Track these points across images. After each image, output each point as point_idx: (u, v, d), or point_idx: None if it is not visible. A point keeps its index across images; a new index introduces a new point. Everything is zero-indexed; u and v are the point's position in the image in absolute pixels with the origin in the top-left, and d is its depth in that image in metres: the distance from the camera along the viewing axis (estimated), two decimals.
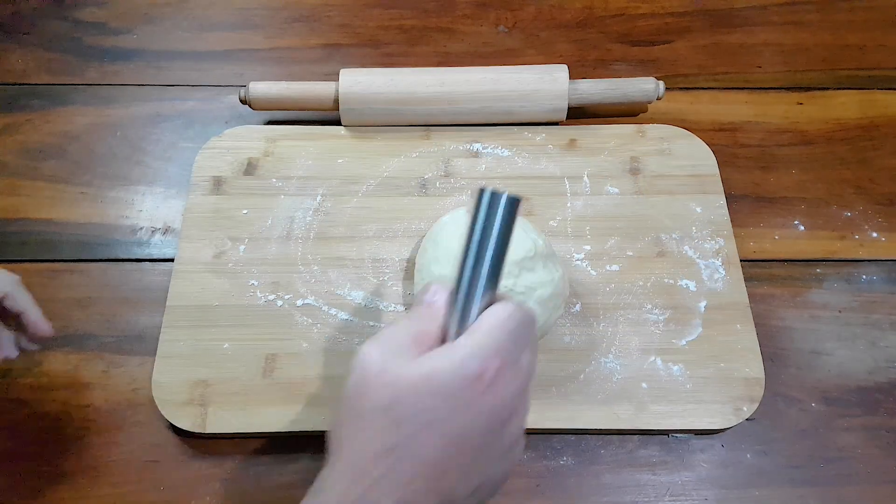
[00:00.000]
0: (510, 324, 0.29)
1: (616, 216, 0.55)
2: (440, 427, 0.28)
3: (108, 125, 0.62)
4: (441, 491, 0.28)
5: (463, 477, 0.29)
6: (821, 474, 0.46)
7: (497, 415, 0.29)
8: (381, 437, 0.27)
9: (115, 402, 0.48)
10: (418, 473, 0.27)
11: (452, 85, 0.59)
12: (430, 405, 0.28)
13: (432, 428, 0.27)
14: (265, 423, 0.46)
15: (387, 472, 0.27)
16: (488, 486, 0.30)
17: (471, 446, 0.28)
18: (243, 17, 0.70)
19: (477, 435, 0.28)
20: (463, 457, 0.28)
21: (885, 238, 0.56)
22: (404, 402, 0.28)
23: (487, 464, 0.30)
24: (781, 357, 0.51)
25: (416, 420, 0.27)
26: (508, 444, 0.30)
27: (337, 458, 0.28)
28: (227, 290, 0.51)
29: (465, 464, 0.28)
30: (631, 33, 0.69)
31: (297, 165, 0.58)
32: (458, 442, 0.28)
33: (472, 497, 0.30)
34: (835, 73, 0.66)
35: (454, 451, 0.28)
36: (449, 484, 0.28)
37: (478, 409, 0.28)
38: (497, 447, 0.30)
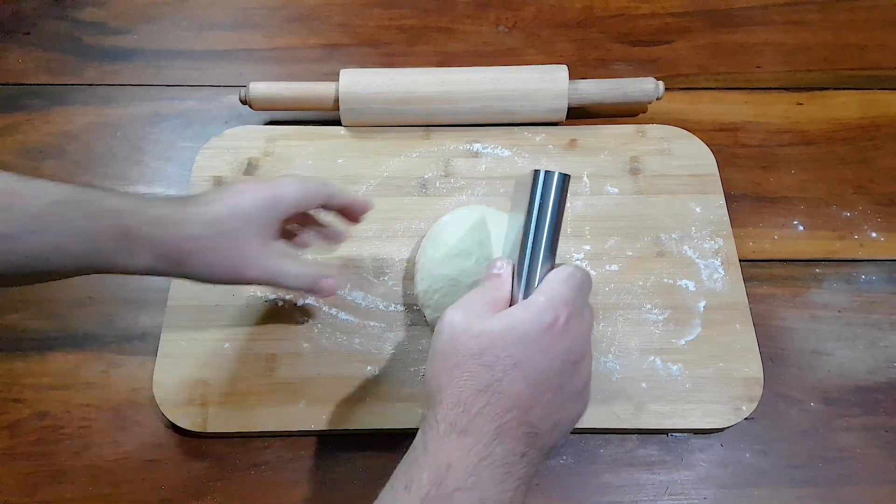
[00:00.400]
0: (573, 281, 0.35)
1: (616, 216, 0.55)
2: (524, 368, 0.32)
3: (107, 125, 0.62)
4: (530, 423, 0.32)
5: (546, 411, 0.33)
6: (820, 474, 0.46)
7: (570, 357, 0.34)
8: (477, 379, 0.32)
9: (115, 402, 0.48)
10: (511, 407, 0.32)
11: (452, 85, 0.59)
12: (514, 351, 0.32)
13: (518, 369, 0.32)
14: (265, 423, 0.47)
15: (485, 406, 0.32)
16: (566, 423, 0.35)
17: (550, 385, 0.33)
18: (243, 16, 0.70)
19: (555, 374, 0.33)
20: (545, 393, 0.33)
21: (884, 238, 0.56)
22: (493, 349, 0.33)
23: (565, 401, 0.34)
24: (781, 357, 0.51)
25: (504, 363, 0.32)
26: (581, 384, 0.35)
27: (439, 401, 0.32)
28: (227, 290, 0.51)
29: (547, 400, 0.33)
30: (631, 33, 0.69)
31: (297, 165, 0.58)
32: (540, 380, 0.33)
33: (554, 431, 0.34)
34: (835, 72, 0.66)
35: (537, 388, 0.33)
36: (536, 416, 0.32)
37: (554, 352, 0.33)
38: (572, 386, 0.34)
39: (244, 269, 0.41)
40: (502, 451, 0.31)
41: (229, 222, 0.40)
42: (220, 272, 0.40)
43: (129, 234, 0.37)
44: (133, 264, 0.38)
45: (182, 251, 0.39)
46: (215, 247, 0.39)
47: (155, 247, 0.38)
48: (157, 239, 0.38)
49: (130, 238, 0.37)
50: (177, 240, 0.38)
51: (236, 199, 0.40)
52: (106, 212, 0.37)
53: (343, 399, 0.47)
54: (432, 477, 0.30)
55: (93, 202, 0.37)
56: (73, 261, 0.37)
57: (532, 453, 0.33)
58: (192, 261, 0.39)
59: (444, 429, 0.31)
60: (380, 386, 0.48)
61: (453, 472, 0.30)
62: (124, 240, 0.37)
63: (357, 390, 0.48)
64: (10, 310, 0.52)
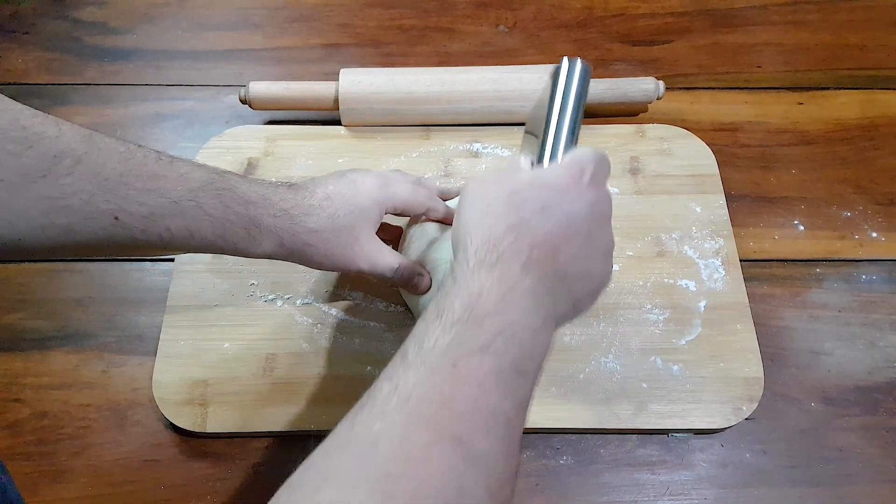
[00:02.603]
0: (594, 152, 0.36)
1: (616, 216, 0.54)
2: (552, 211, 0.33)
3: (107, 125, 0.62)
4: (557, 262, 0.33)
5: (574, 256, 0.34)
6: (820, 474, 0.46)
7: (596, 207, 0.35)
8: (506, 218, 0.33)
9: (115, 401, 0.48)
10: (538, 243, 0.32)
11: (452, 85, 0.59)
12: (542, 195, 0.34)
13: (545, 212, 0.33)
14: (265, 423, 0.47)
15: (513, 242, 0.32)
16: (595, 277, 0.35)
17: (578, 229, 0.34)
18: (243, 16, 0.70)
19: (583, 220, 0.34)
20: (573, 238, 0.34)
21: (884, 238, 0.56)
22: (522, 192, 0.34)
23: (593, 251, 0.35)
24: (781, 357, 0.51)
25: (532, 205, 0.33)
26: (608, 242, 0.36)
27: (469, 243, 0.33)
28: (227, 290, 0.51)
29: (576, 245, 0.34)
30: (631, 33, 0.69)
31: (297, 165, 0.58)
32: (566, 224, 0.33)
33: (584, 281, 0.34)
34: (835, 72, 0.66)
35: (564, 231, 0.33)
36: (563, 260, 0.33)
37: (581, 201, 0.34)
38: (598, 240, 0.35)
39: (356, 260, 0.43)
40: (530, 283, 0.32)
41: (346, 217, 0.42)
42: (334, 262, 0.43)
43: (256, 223, 0.39)
44: (255, 250, 0.41)
45: (303, 242, 0.41)
46: (332, 239, 0.42)
47: (279, 237, 0.40)
48: (281, 230, 0.40)
49: (258, 227, 0.39)
50: (300, 232, 0.41)
51: (353, 192, 0.43)
52: (238, 202, 0.39)
53: (343, 399, 0.47)
54: (464, 304, 0.30)
55: (226, 191, 0.38)
56: (201, 242, 0.39)
57: (561, 292, 0.33)
58: (310, 251, 0.42)
59: (474, 264, 0.32)
60: None
61: (483, 299, 0.30)
62: (252, 228, 0.39)
63: (357, 390, 0.47)
64: (10, 309, 0.52)
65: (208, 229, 0.38)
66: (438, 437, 0.26)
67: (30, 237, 0.34)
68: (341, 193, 0.42)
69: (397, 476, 0.25)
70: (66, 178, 0.33)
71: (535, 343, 0.31)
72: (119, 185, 0.35)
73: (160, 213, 0.36)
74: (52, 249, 0.35)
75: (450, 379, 0.28)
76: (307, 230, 0.41)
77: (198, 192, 0.37)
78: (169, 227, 0.37)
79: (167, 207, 0.36)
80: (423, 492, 0.25)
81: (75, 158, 0.34)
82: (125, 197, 0.35)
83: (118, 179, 0.35)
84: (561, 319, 0.34)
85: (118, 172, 0.35)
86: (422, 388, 0.28)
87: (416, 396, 0.27)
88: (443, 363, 0.28)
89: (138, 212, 0.36)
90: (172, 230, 0.37)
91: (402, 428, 0.26)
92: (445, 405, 0.27)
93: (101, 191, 0.35)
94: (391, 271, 0.44)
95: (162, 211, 0.36)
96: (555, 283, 0.33)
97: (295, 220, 0.40)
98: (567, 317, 0.35)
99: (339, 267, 0.43)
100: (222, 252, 0.40)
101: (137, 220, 0.36)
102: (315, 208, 0.41)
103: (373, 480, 0.25)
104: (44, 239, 0.34)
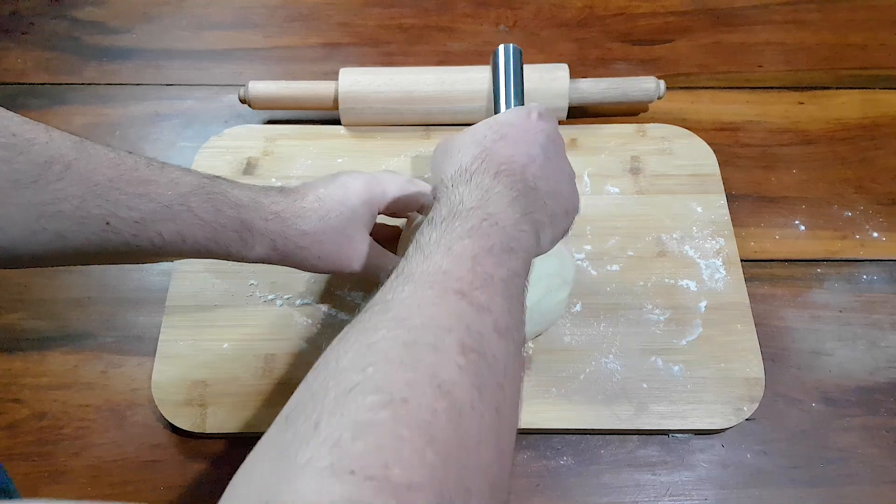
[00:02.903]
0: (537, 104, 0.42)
1: (616, 216, 0.55)
2: (511, 139, 0.38)
3: (106, 124, 0.62)
4: (525, 178, 0.36)
5: (540, 173, 0.37)
6: (821, 474, 0.46)
7: (550, 136, 0.40)
8: (471, 151, 0.38)
9: (114, 402, 0.48)
10: (503, 163, 0.36)
11: (453, 84, 0.58)
12: (500, 129, 0.39)
13: (506, 139, 0.38)
14: (265, 423, 0.46)
15: (481, 164, 0.36)
16: (564, 196, 0.39)
17: (536, 154, 0.38)
18: (242, 15, 0.70)
19: (538, 146, 0.39)
20: (535, 158, 0.38)
21: (885, 238, 0.56)
22: (481, 130, 0.39)
23: (556, 174, 0.39)
24: (782, 357, 0.50)
25: (492, 137, 0.38)
26: (567, 169, 0.41)
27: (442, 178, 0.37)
28: (226, 290, 0.51)
29: (538, 163, 0.38)
30: (632, 32, 0.69)
31: (297, 165, 0.58)
32: (526, 148, 0.38)
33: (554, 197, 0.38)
34: (836, 72, 0.66)
35: (526, 152, 0.38)
36: (529, 175, 0.37)
37: (535, 130, 0.39)
38: (558, 164, 0.40)
39: (350, 261, 0.43)
40: (503, 187, 0.35)
41: (337, 218, 0.42)
42: (327, 263, 0.43)
43: (248, 227, 0.39)
44: (248, 254, 0.41)
45: (296, 245, 0.41)
46: (324, 240, 0.42)
47: (271, 240, 0.40)
48: (273, 233, 0.40)
49: (250, 231, 0.40)
50: (292, 234, 0.41)
51: (343, 193, 0.43)
52: (229, 205, 0.39)
53: None
54: (449, 209, 0.34)
55: (217, 195, 0.39)
56: (193, 247, 0.39)
57: (535, 199, 0.36)
58: (302, 254, 0.42)
59: (451, 185, 0.36)
60: None
61: (465, 201, 0.34)
62: (244, 232, 0.39)
63: None
64: (9, 310, 0.52)
65: (200, 233, 0.38)
66: (444, 291, 0.29)
67: (22, 243, 0.34)
68: (332, 195, 0.42)
69: (412, 318, 0.27)
70: (56, 183, 0.34)
71: (517, 231, 0.34)
72: (110, 190, 0.35)
73: (151, 217, 0.36)
74: (44, 256, 0.35)
75: (447, 257, 0.31)
76: (299, 232, 0.41)
77: (189, 196, 0.37)
78: (160, 232, 0.37)
79: (158, 212, 0.37)
80: (438, 324, 0.27)
81: (65, 164, 0.34)
82: (116, 202, 0.35)
83: (109, 184, 0.35)
84: (540, 228, 0.36)
85: (109, 178, 0.35)
86: (423, 267, 0.30)
87: (419, 273, 0.30)
88: (439, 249, 0.31)
89: (129, 216, 0.36)
90: (164, 234, 0.37)
91: (411, 290, 0.29)
92: (447, 274, 0.30)
93: (92, 196, 0.35)
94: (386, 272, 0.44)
95: (153, 216, 0.36)
96: (526, 190, 0.36)
97: (286, 223, 0.40)
98: (546, 230, 0.37)
99: (332, 269, 0.43)
100: (215, 257, 0.40)
101: (129, 224, 0.36)
102: (306, 210, 0.41)
103: (393, 322, 0.27)
104: (35, 245, 0.34)
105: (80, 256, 0.37)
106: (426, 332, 0.27)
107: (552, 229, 0.38)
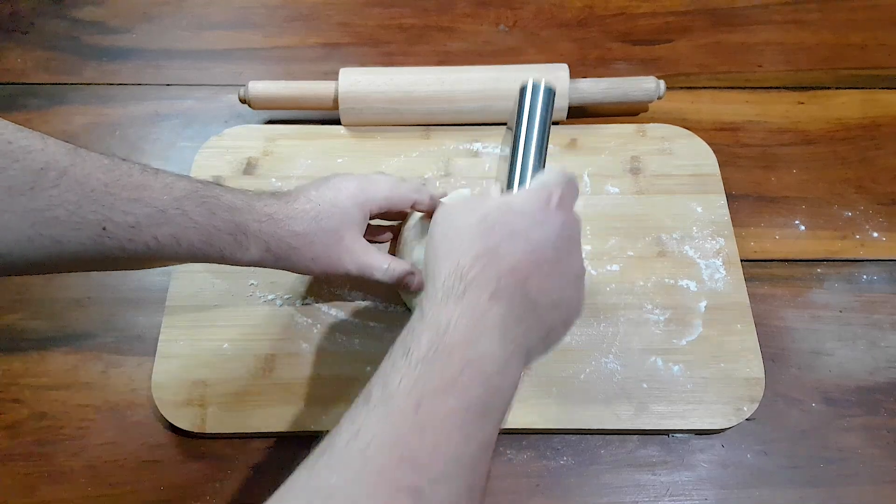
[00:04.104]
0: (561, 175, 0.37)
1: (616, 216, 0.55)
2: (521, 236, 0.34)
3: (106, 124, 0.62)
4: (526, 291, 0.33)
5: (544, 285, 0.34)
6: (821, 474, 0.46)
7: (565, 232, 0.36)
8: (475, 244, 0.34)
9: (114, 402, 0.48)
10: (505, 272, 0.33)
11: (453, 84, 0.58)
12: (512, 220, 0.35)
13: (514, 237, 0.34)
14: (265, 423, 0.46)
15: (481, 270, 0.33)
16: (565, 308, 0.36)
17: (547, 257, 0.34)
18: (242, 15, 0.70)
19: (551, 247, 0.35)
20: (542, 265, 0.34)
21: (886, 238, 0.56)
22: (492, 217, 0.35)
23: (563, 280, 0.35)
24: (782, 357, 0.50)
25: (500, 230, 0.34)
26: (578, 268, 0.37)
27: (437, 274, 0.34)
28: (226, 290, 0.51)
29: (544, 272, 0.34)
30: (632, 32, 0.69)
31: (297, 165, 0.58)
32: (535, 250, 0.34)
33: (554, 312, 0.35)
34: (836, 72, 0.66)
35: (533, 258, 0.34)
36: (533, 287, 0.34)
37: (549, 224, 0.35)
38: (568, 266, 0.36)
39: (343, 262, 0.43)
40: (499, 312, 0.32)
41: (329, 219, 0.42)
42: (321, 265, 0.43)
43: (242, 229, 0.40)
44: (242, 257, 0.41)
45: (289, 246, 0.41)
46: (317, 241, 0.42)
47: (265, 242, 0.41)
48: (266, 235, 0.41)
49: (244, 233, 0.40)
50: (285, 236, 0.41)
51: (334, 194, 0.43)
52: (223, 208, 0.39)
53: (343, 399, 0.47)
54: (430, 340, 0.31)
55: (211, 199, 0.39)
56: (188, 251, 0.39)
57: (532, 321, 0.34)
58: (296, 255, 0.42)
59: (442, 295, 0.32)
60: None
61: (451, 331, 0.31)
62: (238, 234, 0.40)
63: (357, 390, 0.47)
64: (9, 310, 0.52)
65: (195, 237, 0.38)
66: (395, 490, 0.26)
67: (18, 250, 0.34)
68: (324, 197, 0.43)
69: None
70: (52, 189, 0.34)
71: (502, 378, 0.31)
72: (105, 196, 0.35)
73: (146, 221, 0.37)
74: (40, 263, 0.35)
75: (411, 423, 0.28)
76: (292, 233, 0.41)
77: (183, 200, 0.38)
78: (156, 236, 0.37)
79: (153, 216, 0.37)
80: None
81: (60, 171, 0.34)
82: (111, 207, 0.36)
83: (104, 190, 0.35)
84: (532, 352, 0.35)
85: (103, 183, 0.35)
86: (382, 434, 0.27)
87: (375, 444, 0.27)
88: (406, 405, 0.28)
89: (125, 221, 0.36)
90: (159, 238, 0.37)
91: (358, 484, 0.26)
92: (405, 453, 0.27)
93: (88, 202, 0.35)
94: (380, 272, 0.45)
95: (148, 220, 0.37)
96: (525, 311, 0.33)
97: (279, 225, 0.41)
98: (538, 349, 0.35)
99: (327, 270, 0.43)
100: (210, 261, 0.40)
101: (124, 229, 0.36)
102: (298, 212, 0.42)
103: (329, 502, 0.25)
104: (31, 252, 0.34)
105: (77, 263, 0.37)
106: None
107: (545, 344, 0.36)
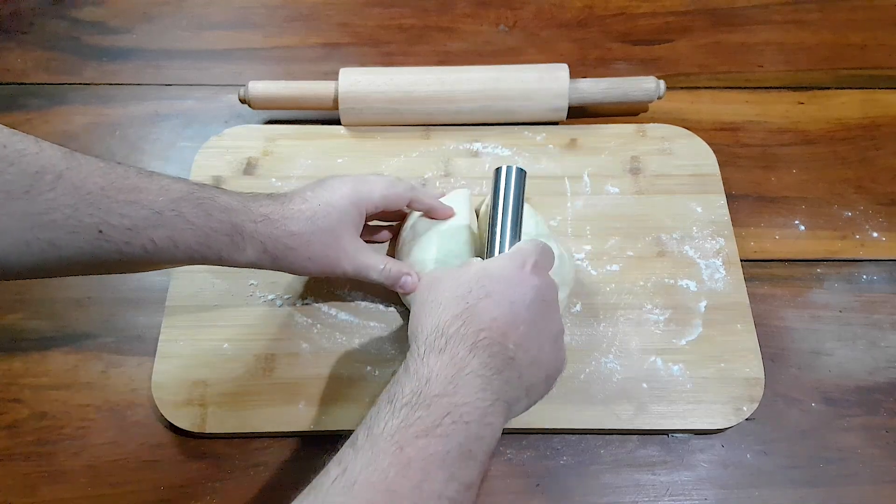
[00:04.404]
0: (535, 244, 0.40)
1: (616, 216, 0.55)
2: (497, 297, 0.36)
3: (106, 124, 0.62)
4: (504, 346, 0.35)
5: (521, 341, 0.36)
6: (821, 474, 0.46)
7: (540, 294, 0.37)
8: (454, 307, 0.36)
9: (114, 402, 0.48)
10: (483, 328, 0.35)
11: (452, 84, 0.58)
12: (488, 283, 0.37)
13: (491, 298, 0.36)
14: (264, 424, 0.46)
15: (461, 327, 0.35)
16: (545, 364, 0.37)
17: (522, 317, 0.36)
18: (242, 15, 0.70)
19: (526, 308, 0.36)
20: (519, 324, 0.36)
21: (885, 238, 0.56)
22: (471, 281, 0.37)
23: (541, 338, 0.37)
24: (782, 357, 0.50)
25: (477, 293, 0.37)
26: (556, 328, 0.38)
27: (419, 332, 0.36)
28: (226, 290, 0.51)
29: (521, 331, 0.36)
30: (632, 32, 0.69)
31: (297, 165, 0.58)
32: (512, 309, 0.36)
33: (533, 368, 0.36)
34: (836, 72, 0.66)
35: (510, 315, 0.36)
36: (511, 342, 0.35)
37: (525, 286, 0.37)
38: (546, 325, 0.37)
39: (339, 262, 0.44)
40: (478, 363, 0.34)
41: (325, 219, 0.42)
42: (317, 265, 0.43)
43: (239, 230, 0.40)
44: (239, 258, 0.41)
45: (286, 247, 0.41)
46: (313, 241, 0.42)
47: (261, 243, 0.41)
48: (263, 235, 0.41)
49: (240, 234, 0.40)
50: (281, 236, 0.41)
51: (330, 195, 0.43)
52: (219, 209, 0.39)
53: (343, 399, 0.47)
54: (413, 389, 0.33)
55: (207, 200, 0.39)
56: (185, 253, 0.39)
57: (511, 376, 0.35)
58: (292, 255, 0.42)
59: (424, 350, 0.35)
60: (380, 386, 0.47)
61: (432, 382, 0.33)
62: (235, 235, 0.40)
63: (357, 390, 0.48)
64: (10, 310, 0.52)
65: (192, 238, 0.38)
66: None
67: (15, 253, 0.34)
68: (319, 197, 0.43)
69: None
70: (48, 193, 0.34)
71: (483, 424, 0.33)
72: (101, 199, 0.35)
73: (143, 224, 0.37)
74: (37, 267, 0.36)
75: (396, 463, 0.29)
76: (287, 233, 0.41)
77: (179, 202, 0.38)
78: (153, 238, 0.37)
79: (150, 218, 0.37)
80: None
81: (57, 174, 0.34)
82: (108, 210, 0.36)
83: (100, 193, 0.35)
84: (513, 403, 0.36)
85: (100, 186, 0.36)
86: (367, 473, 0.29)
87: (361, 481, 0.28)
88: (390, 446, 0.30)
89: (121, 224, 0.36)
90: (156, 241, 0.37)
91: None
92: (389, 492, 0.28)
93: (84, 205, 0.35)
94: (377, 272, 0.45)
95: (145, 222, 0.37)
96: (504, 365, 0.35)
97: (275, 225, 0.41)
98: (520, 402, 0.36)
99: (323, 270, 0.44)
100: (207, 262, 0.41)
101: (121, 232, 0.36)
102: (294, 212, 0.42)
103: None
104: (29, 255, 0.35)
105: (74, 266, 0.37)
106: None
107: (528, 400, 0.37)
